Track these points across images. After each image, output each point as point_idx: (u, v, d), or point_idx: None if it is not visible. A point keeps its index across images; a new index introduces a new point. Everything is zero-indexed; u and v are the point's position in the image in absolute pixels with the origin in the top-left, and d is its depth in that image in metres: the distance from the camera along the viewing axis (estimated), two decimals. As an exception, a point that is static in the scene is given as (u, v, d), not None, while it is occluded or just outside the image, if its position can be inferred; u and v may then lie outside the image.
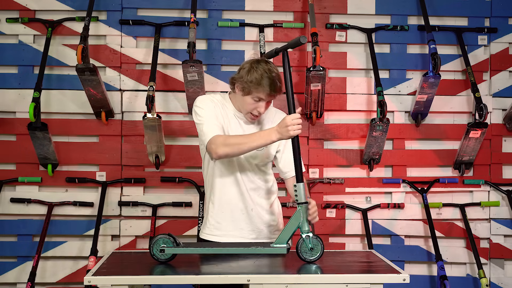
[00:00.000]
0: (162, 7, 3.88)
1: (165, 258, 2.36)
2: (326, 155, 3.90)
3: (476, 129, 3.69)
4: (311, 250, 2.34)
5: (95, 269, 2.27)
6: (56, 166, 3.78)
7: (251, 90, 2.47)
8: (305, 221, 2.35)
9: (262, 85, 2.45)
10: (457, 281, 3.88)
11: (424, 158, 3.93)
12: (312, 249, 2.34)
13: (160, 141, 3.65)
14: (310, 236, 2.33)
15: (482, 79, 3.97)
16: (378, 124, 3.64)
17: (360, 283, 2.16)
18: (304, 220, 2.34)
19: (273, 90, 2.46)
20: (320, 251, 2.35)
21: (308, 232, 2.34)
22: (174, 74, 3.85)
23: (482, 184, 3.93)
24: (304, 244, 2.34)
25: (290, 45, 2.36)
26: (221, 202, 2.62)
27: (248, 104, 2.51)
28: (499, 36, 3.97)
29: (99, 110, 3.73)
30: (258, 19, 3.90)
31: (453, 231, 3.93)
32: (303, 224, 2.34)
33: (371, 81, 3.91)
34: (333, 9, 3.94)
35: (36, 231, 3.77)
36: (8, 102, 3.79)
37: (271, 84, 2.45)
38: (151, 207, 3.79)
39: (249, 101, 2.50)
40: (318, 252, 2.35)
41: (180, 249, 2.35)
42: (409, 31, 3.94)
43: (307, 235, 2.33)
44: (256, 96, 2.48)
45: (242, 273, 2.18)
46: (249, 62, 2.52)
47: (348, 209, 3.89)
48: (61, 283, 3.80)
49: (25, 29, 3.82)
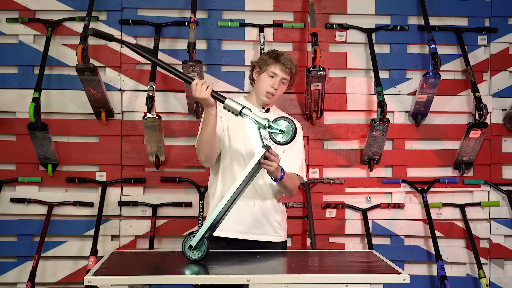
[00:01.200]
0: (162, 7, 3.88)
1: (197, 257, 2.34)
2: (326, 155, 3.90)
3: (476, 129, 3.69)
4: (281, 132, 2.34)
5: (95, 269, 2.27)
6: (56, 166, 3.78)
7: (267, 64, 2.69)
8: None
9: (276, 58, 2.69)
10: (457, 281, 3.88)
11: (424, 158, 3.93)
12: (282, 132, 2.34)
13: (160, 141, 3.65)
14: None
15: (482, 79, 3.97)
16: (378, 124, 3.64)
17: (360, 283, 2.16)
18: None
19: (287, 66, 2.68)
20: (292, 132, 2.34)
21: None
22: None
23: (482, 184, 3.93)
24: (276, 124, 2.34)
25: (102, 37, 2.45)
26: (222, 196, 2.64)
27: (263, 82, 2.70)
28: (499, 36, 3.97)
29: (99, 110, 3.73)
30: (258, 19, 3.90)
31: (453, 231, 3.93)
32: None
33: (371, 81, 3.91)
34: (333, 9, 3.94)
35: (36, 231, 3.77)
36: (8, 102, 3.79)
37: (285, 60, 2.69)
38: (151, 207, 3.79)
39: (265, 78, 2.70)
40: (290, 134, 2.34)
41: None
42: (409, 31, 3.94)
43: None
44: (270, 71, 2.68)
45: (242, 273, 2.18)
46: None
47: (348, 209, 3.89)
48: (61, 283, 3.80)
49: (25, 29, 3.82)
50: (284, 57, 2.71)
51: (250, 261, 2.44)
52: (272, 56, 2.72)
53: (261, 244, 2.70)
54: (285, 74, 2.70)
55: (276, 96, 2.72)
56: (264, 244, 2.70)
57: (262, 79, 2.71)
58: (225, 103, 2.37)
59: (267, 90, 2.69)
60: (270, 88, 2.68)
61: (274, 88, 2.68)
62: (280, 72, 2.69)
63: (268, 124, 2.34)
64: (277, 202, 2.75)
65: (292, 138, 2.35)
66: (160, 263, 2.47)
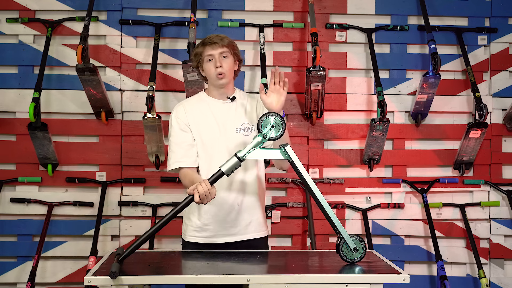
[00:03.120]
0: (162, 7, 3.88)
1: (357, 258, 2.36)
2: (326, 155, 3.90)
3: (476, 129, 3.69)
4: (273, 128, 2.33)
5: (95, 269, 2.27)
6: (56, 166, 3.78)
7: (200, 53, 2.62)
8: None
9: (202, 43, 2.62)
10: (457, 281, 3.89)
11: (424, 158, 3.93)
12: (273, 127, 2.33)
13: (160, 141, 3.65)
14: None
15: (482, 79, 3.97)
16: (378, 124, 3.64)
17: (360, 283, 2.16)
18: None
19: (214, 41, 2.59)
20: (362, 252, 2.37)
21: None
22: (174, 74, 3.85)
23: (482, 184, 3.93)
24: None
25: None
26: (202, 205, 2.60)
27: (209, 69, 2.61)
28: (499, 36, 3.97)
29: (99, 110, 3.73)
30: (258, 19, 3.90)
31: (453, 231, 3.93)
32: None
33: (371, 81, 3.92)
34: (333, 9, 3.94)
35: (36, 231, 3.77)
36: (8, 102, 3.79)
37: (210, 38, 2.61)
38: (151, 207, 3.79)
39: (207, 66, 2.61)
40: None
41: None
42: (409, 31, 3.94)
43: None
44: (206, 56, 2.60)
45: (242, 273, 2.18)
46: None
47: (348, 209, 3.89)
48: (61, 283, 3.80)
49: (25, 29, 3.82)
50: (208, 38, 2.63)
51: (250, 261, 2.43)
52: (198, 45, 2.65)
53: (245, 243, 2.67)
54: (218, 49, 2.59)
55: (227, 73, 2.61)
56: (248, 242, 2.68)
57: (206, 68, 2.62)
58: (226, 174, 2.35)
59: (215, 73, 2.59)
60: (215, 69, 2.59)
61: (218, 66, 2.58)
62: (213, 51, 2.59)
63: (263, 134, 2.32)
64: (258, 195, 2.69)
65: (283, 131, 2.33)
66: (160, 263, 2.47)
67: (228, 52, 2.62)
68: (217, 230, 2.62)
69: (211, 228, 2.62)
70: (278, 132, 2.33)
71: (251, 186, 2.65)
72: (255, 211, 2.67)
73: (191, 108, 2.66)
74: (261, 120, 2.33)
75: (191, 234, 2.67)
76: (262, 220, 2.70)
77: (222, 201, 2.60)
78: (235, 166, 2.33)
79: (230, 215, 2.62)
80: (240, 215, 2.63)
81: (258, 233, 2.68)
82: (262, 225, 2.70)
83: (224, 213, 2.61)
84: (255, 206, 2.66)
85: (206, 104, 2.67)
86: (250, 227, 2.66)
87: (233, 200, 2.62)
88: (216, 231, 2.63)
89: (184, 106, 2.67)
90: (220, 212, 2.61)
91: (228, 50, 2.62)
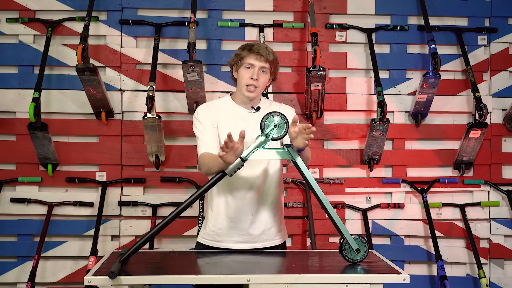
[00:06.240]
0: (162, 7, 3.88)
1: (359, 258, 2.38)
2: (326, 155, 3.90)
3: (476, 129, 3.69)
4: (276, 127, 2.32)
5: (95, 269, 2.27)
6: (56, 166, 3.78)
7: (242, 57, 2.59)
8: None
9: (249, 49, 2.58)
10: (457, 281, 3.89)
11: (424, 158, 3.93)
12: (276, 126, 2.32)
13: (160, 141, 3.65)
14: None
15: (482, 79, 3.97)
16: (378, 124, 3.64)
17: (360, 283, 2.16)
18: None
19: (261, 54, 2.56)
20: (364, 252, 2.38)
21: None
22: (174, 74, 3.85)
23: (482, 184, 3.93)
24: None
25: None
26: (218, 209, 2.63)
27: (242, 76, 2.60)
28: (499, 36, 3.97)
29: (99, 110, 3.73)
30: (258, 19, 3.90)
31: (453, 231, 3.93)
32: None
33: (371, 81, 3.92)
34: (333, 9, 3.94)
35: (36, 231, 3.77)
36: (8, 102, 3.79)
37: (259, 48, 2.58)
38: (151, 207, 3.79)
39: (243, 71, 2.60)
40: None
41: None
42: (409, 31, 3.94)
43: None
44: (246, 63, 2.58)
45: (242, 273, 2.18)
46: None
47: (348, 209, 3.89)
48: (61, 283, 3.80)
49: (25, 29, 3.82)
50: (257, 46, 2.59)
51: (250, 261, 2.43)
52: (245, 48, 2.61)
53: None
54: (262, 62, 2.57)
55: (259, 87, 2.60)
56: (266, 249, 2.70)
57: (241, 73, 2.60)
58: (228, 174, 2.36)
59: (247, 83, 2.58)
60: (250, 80, 2.57)
61: (254, 78, 2.57)
62: (255, 62, 2.57)
63: (266, 134, 2.31)
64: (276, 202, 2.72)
65: (285, 132, 2.32)
66: (160, 263, 2.47)
67: (268, 69, 2.61)
68: (231, 235, 2.63)
69: (224, 232, 2.63)
70: (281, 132, 2.32)
71: (270, 195, 2.66)
72: (269, 220, 2.66)
73: (215, 108, 2.67)
74: (264, 119, 2.32)
75: (204, 236, 2.69)
76: (276, 230, 2.69)
77: (238, 208, 2.61)
78: (237, 166, 2.34)
79: (244, 222, 2.62)
80: (253, 224, 2.63)
81: (272, 241, 2.68)
82: (275, 234, 2.69)
83: (239, 220, 2.62)
84: (270, 215, 2.66)
85: (231, 109, 2.66)
86: (263, 236, 2.66)
87: (248, 209, 2.62)
88: (230, 236, 2.63)
89: (209, 106, 2.69)
90: (237, 217, 2.61)
91: (269, 67, 2.60)
